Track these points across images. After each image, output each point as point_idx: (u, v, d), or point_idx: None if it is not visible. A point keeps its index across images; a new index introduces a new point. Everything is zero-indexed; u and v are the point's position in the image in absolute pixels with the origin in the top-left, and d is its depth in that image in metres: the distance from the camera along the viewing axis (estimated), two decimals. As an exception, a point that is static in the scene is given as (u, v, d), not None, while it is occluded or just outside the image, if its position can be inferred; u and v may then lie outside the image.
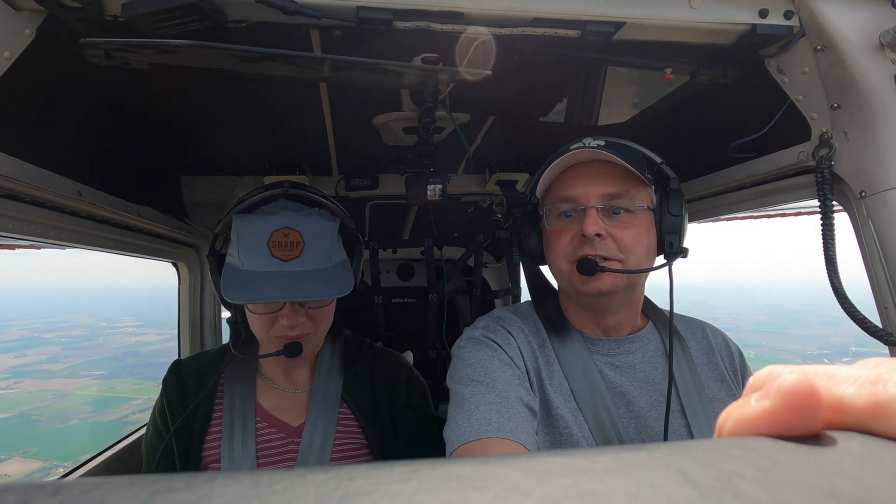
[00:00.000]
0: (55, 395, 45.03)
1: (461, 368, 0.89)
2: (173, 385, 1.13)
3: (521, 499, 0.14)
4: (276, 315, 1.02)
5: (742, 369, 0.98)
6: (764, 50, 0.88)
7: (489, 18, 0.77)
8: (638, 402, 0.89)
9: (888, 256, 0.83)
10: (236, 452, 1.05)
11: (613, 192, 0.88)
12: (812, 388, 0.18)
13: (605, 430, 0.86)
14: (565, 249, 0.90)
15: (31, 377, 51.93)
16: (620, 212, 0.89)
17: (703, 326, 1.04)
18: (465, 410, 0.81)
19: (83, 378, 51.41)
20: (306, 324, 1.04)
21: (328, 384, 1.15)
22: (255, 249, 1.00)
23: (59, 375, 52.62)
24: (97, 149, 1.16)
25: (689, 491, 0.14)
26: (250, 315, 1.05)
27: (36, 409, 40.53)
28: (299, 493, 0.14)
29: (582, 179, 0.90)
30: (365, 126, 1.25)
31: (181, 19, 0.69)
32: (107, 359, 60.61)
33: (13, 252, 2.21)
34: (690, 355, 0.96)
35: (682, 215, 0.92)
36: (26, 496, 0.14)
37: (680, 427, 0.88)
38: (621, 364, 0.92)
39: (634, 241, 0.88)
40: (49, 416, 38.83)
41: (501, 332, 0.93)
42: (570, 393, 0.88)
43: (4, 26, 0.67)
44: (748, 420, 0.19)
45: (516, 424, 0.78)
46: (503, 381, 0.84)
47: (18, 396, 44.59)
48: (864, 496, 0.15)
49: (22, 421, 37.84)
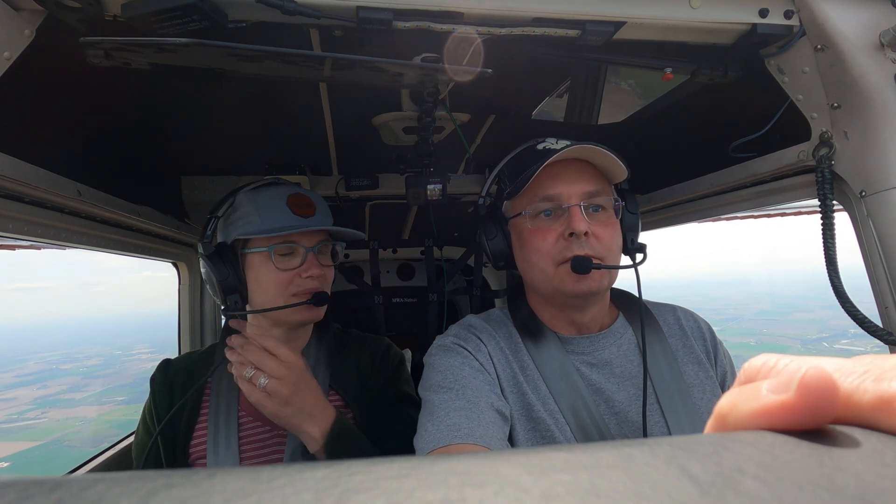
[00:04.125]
0: (82, 422, 47.44)
1: (431, 376, 0.89)
2: (160, 383, 1.15)
3: (521, 494, 0.14)
4: (296, 272, 1.08)
5: (714, 347, 0.98)
6: (764, 49, 0.88)
7: (489, 18, 0.77)
8: (617, 398, 0.89)
9: (888, 256, 0.83)
10: (220, 447, 1.06)
11: (593, 189, 0.89)
12: (832, 383, 0.18)
13: (586, 429, 0.85)
14: (550, 250, 0.88)
15: (57, 407, 54.13)
16: (599, 209, 0.89)
17: (675, 310, 1.04)
18: (435, 417, 0.81)
19: (107, 404, 53.93)
20: (323, 279, 1.12)
21: (316, 374, 1.15)
22: (277, 208, 1.08)
23: (83, 403, 54.92)
24: (97, 149, 1.16)
25: (690, 487, 0.14)
26: (268, 277, 1.08)
27: (66, 435, 42.85)
28: (298, 488, 0.14)
29: (563, 178, 0.89)
30: (365, 126, 1.25)
31: (181, 19, 0.69)
32: (126, 385, 62.50)
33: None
34: (666, 343, 0.95)
35: (637, 213, 0.97)
36: (26, 492, 0.13)
37: (658, 419, 0.88)
38: (597, 361, 0.92)
39: (613, 238, 0.90)
40: (81, 441, 40.91)
41: (472, 339, 0.93)
42: (549, 394, 0.88)
43: (4, 26, 0.67)
44: (763, 411, 0.19)
45: (486, 430, 0.78)
46: (473, 387, 0.84)
47: (48, 425, 46.78)
48: (866, 492, 0.15)
49: (56, 447, 39.83)
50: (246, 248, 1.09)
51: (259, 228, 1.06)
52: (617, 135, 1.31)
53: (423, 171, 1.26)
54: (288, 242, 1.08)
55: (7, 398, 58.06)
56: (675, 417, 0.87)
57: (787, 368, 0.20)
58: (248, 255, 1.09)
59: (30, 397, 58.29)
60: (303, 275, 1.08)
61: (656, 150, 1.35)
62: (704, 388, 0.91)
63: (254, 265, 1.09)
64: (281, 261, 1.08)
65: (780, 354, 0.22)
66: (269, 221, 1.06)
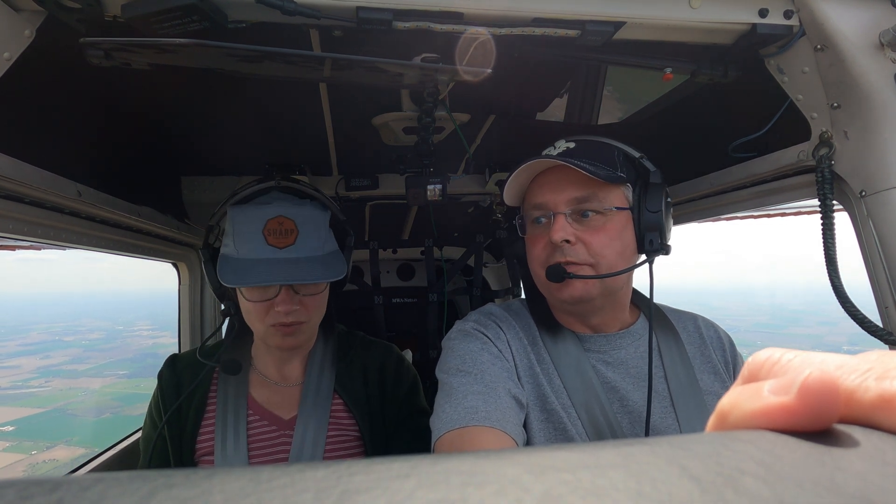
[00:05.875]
0: (85, 392, 48.29)
1: (450, 359, 0.89)
2: (168, 379, 1.15)
3: (522, 494, 0.14)
4: (271, 303, 1.04)
5: (733, 360, 0.98)
6: (764, 49, 0.88)
7: (489, 18, 0.77)
8: (631, 398, 0.89)
9: (888, 256, 0.83)
10: (228, 445, 1.06)
11: (580, 195, 0.87)
12: (835, 387, 0.18)
13: (598, 426, 0.86)
14: (539, 256, 0.91)
15: (60, 376, 54.88)
16: (590, 215, 0.87)
17: (695, 319, 1.03)
18: (452, 399, 0.82)
19: (108, 377, 54.56)
20: (301, 311, 1.06)
21: (321, 377, 1.15)
22: (251, 237, 1.02)
23: (86, 375, 55.56)
24: (97, 149, 1.16)
25: (691, 486, 0.14)
26: (245, 304, 1.06)
27: (70, 404, 43.67)
28: (299, 489, 0.14)
29: (549, 186, 0.90)
30: (365, 126, 1.25)
31: (181, 20, 0.69)
32: (127, 360, 63.27)
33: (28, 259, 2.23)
34: (683, 349, 0.95)
35: (662, 211, 0.89)
36: (26, 492, 0.13)
37: (672, 423, 0.88)
38: (613, 360, 0.92)
39: (605, 244, 0.87)
40: (83, 411, 42.06)
41: (492, 327, 0.94)
42: (564, 389, 0.88)
43: (4, 27, 0.67)
44: (763, 413, 0.19)
45: (503, 414, 0.79)
46: (492, 372, 0.85)
47: (51, 393, 47.51)
48: (867, 491, 0.15)
49: (59, 415, 40.67)
50: None
51: (234, 257, 1.03)
52: (617, 135, 1.31)
53: (423, 171, 1.26)
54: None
55: (10, 366, 58.73)
56: (688, 421, 0.87)
57: (791, 366, 0.20)
58: None
59: (33, 366, 58.89)
60: (276, 308, 1.04)
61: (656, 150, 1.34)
62: (719, 398, 0.90)
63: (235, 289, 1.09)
64: (250, 293, 1.04)
65: (785, 349, 0.21)
66: (243, 250, 1.02)
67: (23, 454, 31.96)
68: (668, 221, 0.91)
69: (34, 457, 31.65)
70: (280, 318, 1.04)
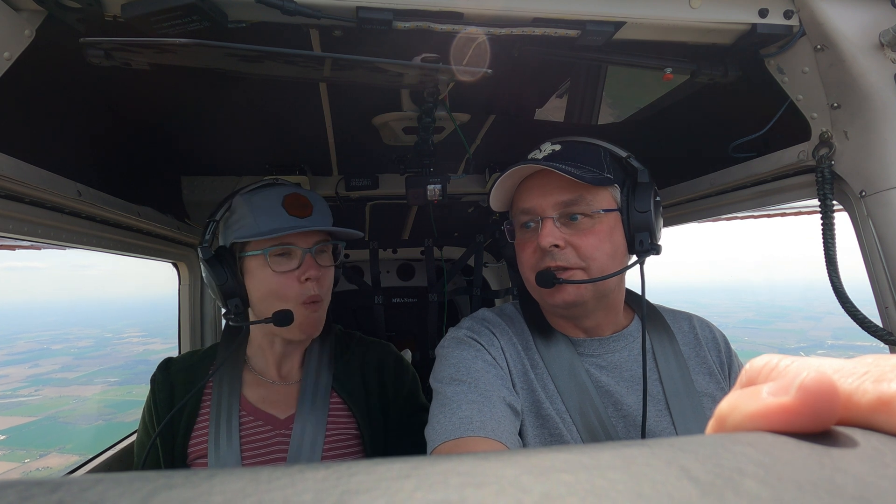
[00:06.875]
0: (77, 400, 48.49)
1: (444, 368, 0.89)
2: (161, 382, 1.15)
3: (521, 495, 0.14)
4: (296, 275, 1.07)
5: (729, 360, 0.97)
6: (764, 49, 0.88)
7: (489, 18, 0.77)
8: (626, 401, 0.88)
9: (888, 256, 0.83)
10: (221, 447, 1.06)
11: (567, 199, 0.86)
12: (833, 388, 0.18)
13: (593, 430, 0.85)
14: (529, 261, 0.90)
15: (50, 385, 55.05)
16: (578, 218, 0.86)
17: (690, 318, 1.03)
18: (447, 409, 0.81)
19: (99, 385, 54.87)
20: (322, 283, 1.11)
21: (318, 375, 1.15)
22: (271, 210, 1.07)
23: (76, 383, 55.85)
24: (97, 149, 1.16)
25: (691, 487, 0.14)
26: (270, 283, 1.07)
27: (62, 412, 43.85)
28: (299, 489, 0.14)
29: (536, 190, 0.89)
30: (365, 126, 1.25)
31: (181, 19, 0.69)
32: (118, 367, 63.64)
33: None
34: (679, 350, 0.95)
35: (651, 210, 0.87)
36: (27, 492, 0.13)
37: (667, 425, 0.88)
38: (607, 364, 0.92)
39: (595, 247, 0.86)
40: (76, 418, 42.18)
41: (485, 333, 0.93)
42: (558, 394, 0.88)
43: (4, 26, 0.67)
44: (762, 414, 0.19)
45: (498, 424, 0.78)
46: (486, 380, 0.84)
47: (42, 402, 47.80)
48: (866, 492, 0.15)
49: (50, 423, 40.89)
50: (243, 252, 1.09)
51: (254, 231, 1.05)
52: (617, 135, 1.31)
53: (423, 171, 1.26)
54: (283, 244, 1.07)
55: (-2, 375, 58.89)
56: (684, 424, 0.87)
57: (789, 370, 0.20)
58: (245, 258, 1.09)
59: (22, 375, 59.12)
60: (301, 277, 1.07)
61: (656, 150, 1.34)
62: (715, 400, 0.90)
63: (251, 269, 1.09)
64: (277, 263, 1.07)
65: (782, 355, 0.22)
66: (264, 224, 1.05)
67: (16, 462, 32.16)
68: (658, 221, 0.91)
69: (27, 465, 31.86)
70: (309, 292, 1.07)
